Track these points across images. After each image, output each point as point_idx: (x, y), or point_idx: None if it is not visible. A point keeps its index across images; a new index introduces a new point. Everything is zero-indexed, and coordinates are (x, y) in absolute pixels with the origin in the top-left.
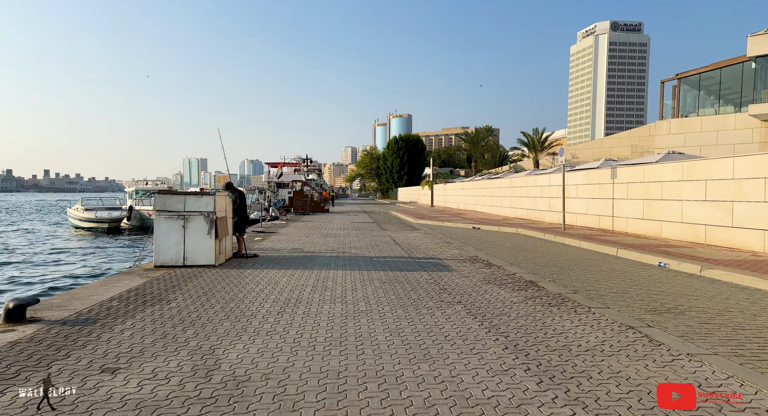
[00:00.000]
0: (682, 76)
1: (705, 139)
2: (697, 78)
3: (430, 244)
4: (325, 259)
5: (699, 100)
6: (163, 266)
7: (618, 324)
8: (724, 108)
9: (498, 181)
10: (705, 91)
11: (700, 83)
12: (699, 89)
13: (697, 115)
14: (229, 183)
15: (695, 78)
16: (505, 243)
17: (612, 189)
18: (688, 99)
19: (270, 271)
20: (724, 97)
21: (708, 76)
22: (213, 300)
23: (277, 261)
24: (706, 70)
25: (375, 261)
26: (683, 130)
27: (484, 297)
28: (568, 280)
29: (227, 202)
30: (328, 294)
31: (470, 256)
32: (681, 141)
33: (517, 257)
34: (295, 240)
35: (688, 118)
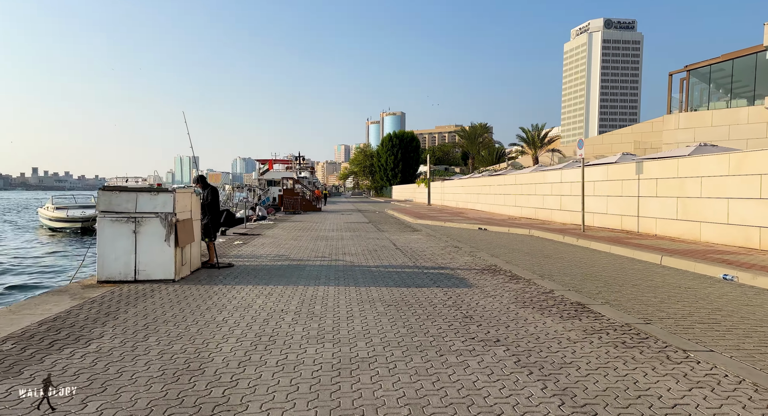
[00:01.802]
0: (691, 68)
1: (716, 134)
2: (707, 70)
3: (436, 249)
4: (314, 270)
5: (709, 94)
6: (108, 281)
7: (750, 384)
8: (735, 101)
9: (501, 177)
10: (715, 84)
11: (710, 75)
12: (709, 82)
13: (707, 108)
14: (201, 176)
15: (705, 70)
16: (521, 248)
17: (637, 185)
18: (694, 92)
19: (243, 289)
20: (735, 89)
21: (719, 67)
22: (152, 339)
23: (255, 273)
24: (717, 61)
25: (375, 273)
26: (693, 125)
27: (527, 330)
28: (626, 301)
29: (193, 201)
30: (314, 326)
31: (487, 265)
32: (690, 136)
33: (543, 266)
34: (281, 244)
35: (697, 111)
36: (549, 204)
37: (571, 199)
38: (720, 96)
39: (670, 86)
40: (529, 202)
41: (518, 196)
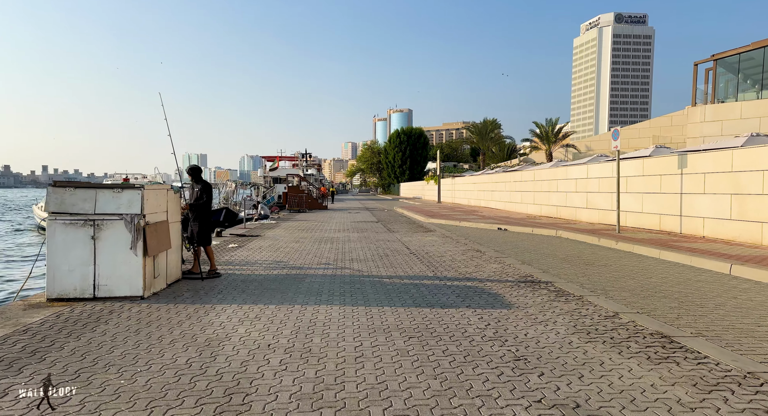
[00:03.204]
0: (718, 57)
1: (745, 127)
2: (735, 59)
3: (456, 254)
4: (315, 281)
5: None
6: (60, 299)
7: None
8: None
9: (517, 173)
10: (743, 75)
11: (740, 64)
12: (738, 71)
13: (736, 100)
14: (195, 167)
15: (733, 59)
16: (554, 252)
17: (680, 181)
18: (719, 83)
19: (226, 310)
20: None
21: (748, 56)
22: (75, 400)
23: (245, 285)
24: (746, 49)
25: (388, 286)
26: (720, 117)
27: (611, 383)
28: (722, 331)
29: (170, 199)
30: (310, 375)
31: (521, 275)
32: (717, 129)
33: (589, 277)
34: (280, 247)
35: (725, 103)
36: (573, 201)
37: (599, 196)
38: (746, 87)
39: (695, 77)
40: (549, 200)
41: (537, 193)
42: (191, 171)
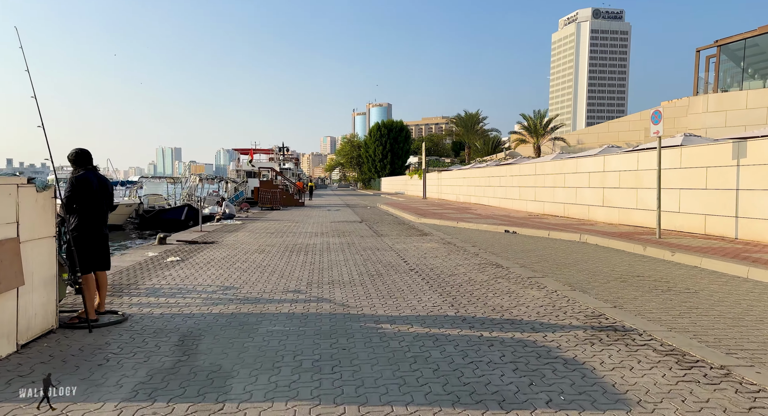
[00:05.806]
0: (722, 43)
1: (752, 118)
2: (739, 45)
3: (471, 271)
4: (273, 335)
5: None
6: None
7: None
8: None
9: (515, 167)
10: (747, 62)
11: (745, 51)
12: (743, 58)
13: (741, 88)
14: (83, 152)
15: (737, 46)
16: (600, 269)
17: (736, 174)
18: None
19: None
20: None
21: (753, 42)
22: None
23: (154, 343)
24: (751, 35)
25: (392, 343)
26: (724, 107)
27: None
28: None
29: (29, 203)
30: None
31: (587, 315)
32: (721, 119)
33: (692, 317)
34: (237, 260)
35: (728, 92)
36: (585, 198)
37: (619, 192)
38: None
39: (697, 64)
40: (554, 196)
41: (539, 189)
42: (77, 158)
